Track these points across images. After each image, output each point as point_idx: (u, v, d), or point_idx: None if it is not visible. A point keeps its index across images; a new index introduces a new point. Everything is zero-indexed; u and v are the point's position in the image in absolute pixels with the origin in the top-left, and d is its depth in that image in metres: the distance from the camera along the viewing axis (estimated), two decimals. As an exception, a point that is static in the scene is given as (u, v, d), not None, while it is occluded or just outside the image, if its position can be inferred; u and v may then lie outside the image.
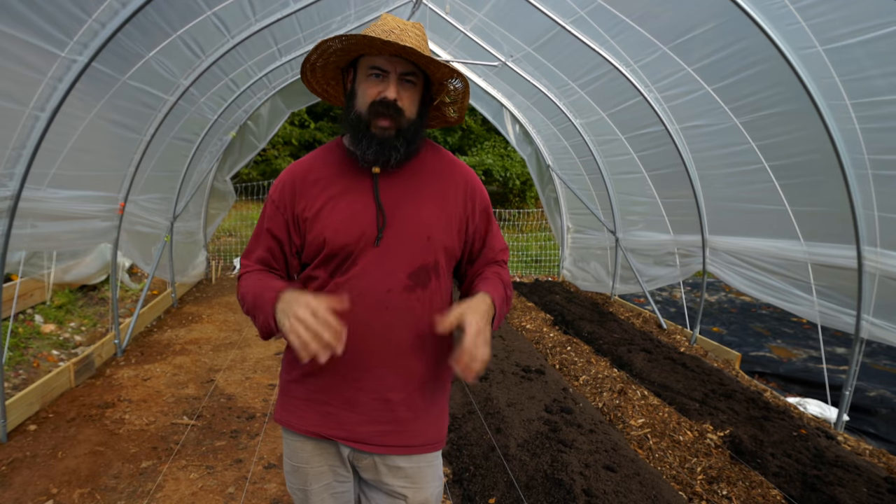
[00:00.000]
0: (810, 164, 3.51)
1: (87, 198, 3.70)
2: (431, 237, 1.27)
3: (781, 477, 2.81)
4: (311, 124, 14.99)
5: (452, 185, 1.33)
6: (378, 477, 1.32)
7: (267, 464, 2.92)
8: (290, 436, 1.35)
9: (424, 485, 1.33)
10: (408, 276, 1.25)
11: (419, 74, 1.24)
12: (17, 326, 4.72)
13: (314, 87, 1.38)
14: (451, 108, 1.40)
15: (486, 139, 15.88)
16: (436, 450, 1.35)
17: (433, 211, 1.29)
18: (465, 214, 1.34)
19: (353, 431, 1.27)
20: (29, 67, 2.66)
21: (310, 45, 5.34)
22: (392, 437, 1.28)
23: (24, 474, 2.70)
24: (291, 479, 1.38)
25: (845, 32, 2.77)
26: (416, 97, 1.25)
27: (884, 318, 3.31)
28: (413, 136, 1.25)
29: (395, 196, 1.27)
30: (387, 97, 1.20)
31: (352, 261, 1.24)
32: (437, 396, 1.35)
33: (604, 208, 6.51)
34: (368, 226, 1.24)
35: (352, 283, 1.24)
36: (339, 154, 1.33)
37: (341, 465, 1.35)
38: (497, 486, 2.55)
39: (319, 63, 1.30)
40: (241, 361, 4.44)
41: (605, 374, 4.17)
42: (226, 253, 8.92)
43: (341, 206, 1.26)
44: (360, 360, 1.24)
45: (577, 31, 4.41)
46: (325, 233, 1.24)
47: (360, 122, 1.23)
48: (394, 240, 1.25)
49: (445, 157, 1.38)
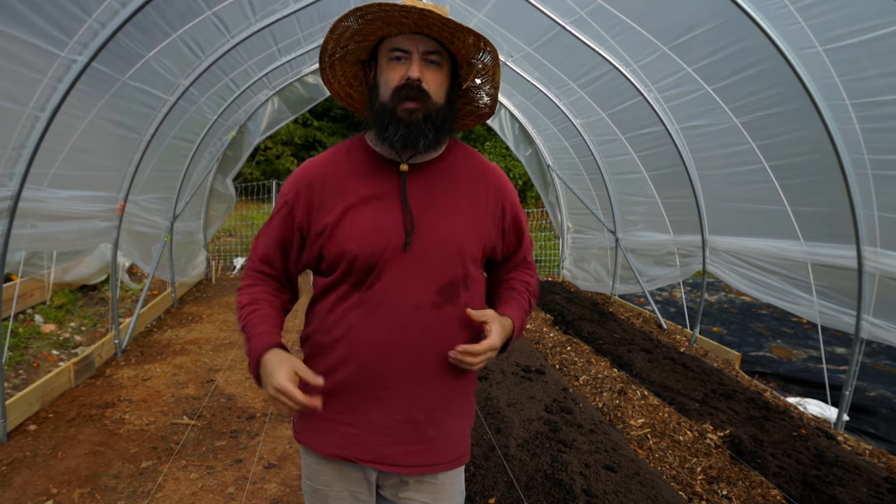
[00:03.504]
0: (810, 164, 3.51)
1: (87, 198, 3.70)
2: (462, 249, 1.18)
3: (781, 477, 2.81)
4: (313, 122, 14.98)
5: (484, 189, 1.25)
6: (402, 493, 1.28)
7: (267, 464, 2.92)
8: (310, 457, 1.29)
9: (447, 499, 1.30)
10: (436, 292, 1.16)
11: (444, 55, 1.15)
12: (17, 326, 4.72)
13: (335, 88, 1.28)
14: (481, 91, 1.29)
15: (487, 139, 15.90)
16: (461, 465, 1.32)
17: (465, 219, 1.20)
18: (498, 221, 1.27)
19: (380, 453, 1.21)
20: (29, 67, 2.66)
21: (310, 44, 5.33)
22: (419, 457, 1.23)
23: (24, 474, 2.70)
24: (310, 498, 1.33)
25: (845, 32, 2.77)
26: (442, 81, 1.16)
27: (884, 318, 3.31)
28: (442, 122, 1.15)
29: (424, 200, 1.18)
30: (410, 76, 1.11)
31: (376, 274, 1.15)
32: (464, 413, 1.31)
33: (604, 208, 6.51)
34: (395, 233, 1.15)
35: (377, 298, 1.15)
36: (361, 153, 1.23)
37: (364, 490, 1.29)
38: (497, 486, 2.55)
39: (339, 54, 1.20)
40: (241, 361, 4.43)
41: (605, 374, 4.17)
42: (226, 253, 8.93)
43: (365, 213, 1.16)
44: (385, 380, 1.17)
45: (577, 31, 4.41)
46: (348, 244, 1.14)
47: (384, 109, 1.13)
48: (422, 251, 1.15)
49: (476, 158, 1.30)
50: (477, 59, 1.20)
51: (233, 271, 8.32)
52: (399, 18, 1.08)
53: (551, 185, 7.56)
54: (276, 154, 14.71)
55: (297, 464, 2.94)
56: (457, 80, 1.22)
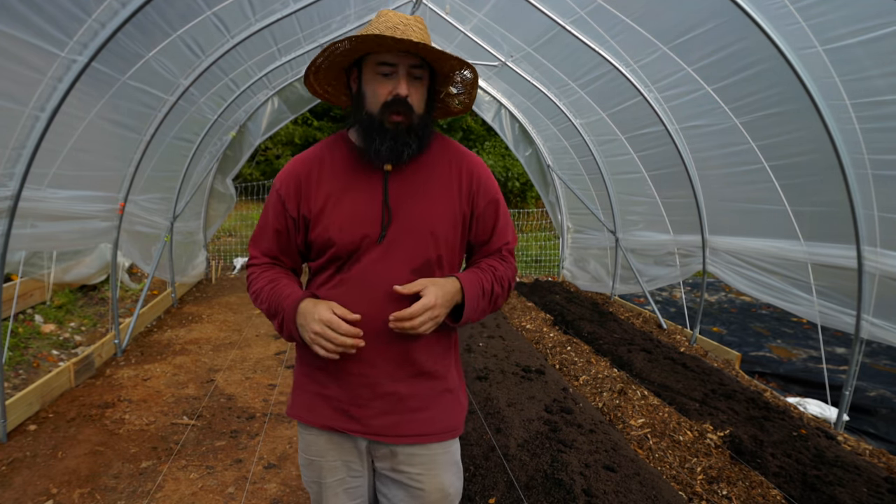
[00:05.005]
0: (810, 164, 3.51)
1: (87, 198, 3.70)
2: (435, 232, 1.28)
3: (781, 477, 2.81)
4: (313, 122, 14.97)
5: (458, 176, 1.33)
6: (394, 465, 1.34)
7: (267, 464, 2.92)
8: (304, 429, 1.38)
9: (439, 470, 1.34)
10: (411, 272, 1.26)
11: (425, 68, 1.25)
12: (17, 326, 4.72)
13: (315, 89, 1.39)
14: (455, 100, 1.40)
15: (487, 139, 15.89)
16: (452, 437, 1.36)
17: (438, 205, 1.29)
18: (470, 206, 1.34)
19: (367, 424, 1.29)
20: (29, 67, 2.66)
21: (310, 44, 5.34)
22: (406, 427, 1.30)
23: (24, 474, 2.70)
24: (306, 472, 1.40)
25: (845, 32, 2.77)
26: (423, 92, 1.27)
27: (884, 318, 3.31)
28: (423, 131, 1.26)
29: (401, 191, 1.28)
30: (399, 94, 1.21)
31: (356, 258, 1.26)
32: (448, 385, 1.36)
33: (604, 208, 6.51)
34: (373, 223, 1.25)
35: (356, 278, 1.26)
36: (344, 149, 1.33)
37: (356, 460, 1.36)
38: (497, 486, 2.55)
39: (325, 65, 1.30)
40: (241, 361, 4.44)
41: (605, 374, 4.17)
42: (226, 253, 8.92)
43: (345, 202, 1.27)
44: (366, 355, 1.26)
45: (577, 31, 4.41)
46: (330, 230, 1.26)
47: (372, 121, 1.24)
48: (398, 236, 1.26)
49: (452, 148, 1.38)
50: (456, 74, 1.32)
51: (233, 271, 8.32)
52: (393, 45, 1.17)
53: (551, 185, 7.56)
54: (276, 154, 14.71)
55: (296, 464, 2.94)
56: (434, 87, 1.32)
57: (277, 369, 4.29)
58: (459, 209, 1.32)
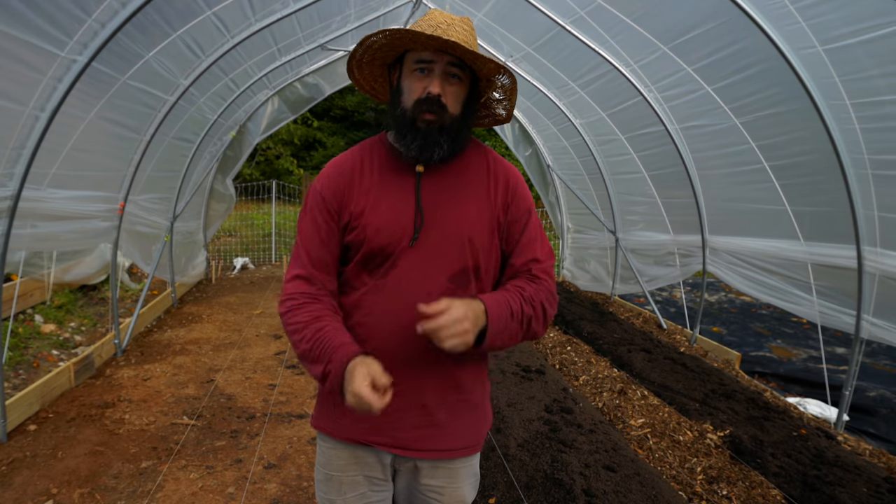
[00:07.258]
0: (810, 164, 3.51)
1: (86, 198, 3.70)
2: (472, 240, 1.24)
3: (781, 477, 2.81)
4: (313, 122, 14.97)
5: (494, 183, 1.30)
6: (416, 478, 1.32)
7: (267, 464, 2.92)
8: (326, 443, 1.33)
9: (460, 483, 1.33)
10: (448, 280, 1.22)
11: (465, 69, 1.22)
12: (17, 326, 4.72)
13: (362, 84, 1.37)
14: (499, 106, 1.38)
15: (487, 139, 15.89)
16: (475, 452, 1.35)
17: (475, 212, 1.26)
18: (505, 214, 1.30)
19: (394, 437, 1.26)
20: (29, 67, 2.66)
21: (310, 45, 5.35)
22: (432, 442, 1.27)
23: (24, 474, 2.70)
24: (323, 487, 1.34)
25: (845, 32, 2.77)
26: (460, 94, 1.23)
27: (884, 318, 3.31)
28: (457, 133, 1.22)
29: (437, 196, 1.25)
30: (431, 92, 1.18)
31: (391, 262, 1.22)
32: (476, 400, 1.34)
33: (604, 208, 6.51)
34: (408, 226, 1.22)
35: (391, 285, 1.22)
36: (383, 151, 1.30)
37: (379, 473, 1.32)
38: (497, 486, 2.55)
39: (366, 59, 1.28)
40: (241, 361, 4.44)
41: (605, 374, 4.17)
42: (226, 253, 8.93)
43: (383, 205, 1.23)
44: (398, 365, 1.19)
45: (577, 31, 4.41)
46: (367, 232, 1.22)
47: (405, 117, 1.21)
48: (434, 242, 1.22)
49: (489, 154, 1.35)
50: (496, 79, 1.29)
51: (233, 271, 8.32)
52: (426, 42, 1.15)
53: (551, 185, 7.56)
54: (275, 154, 14.71)
55: (296, 464, 2.94)
56: (476, 91, 1.28)
57: (277, 369, 4.29)
58: (494, 216, 1.27)
